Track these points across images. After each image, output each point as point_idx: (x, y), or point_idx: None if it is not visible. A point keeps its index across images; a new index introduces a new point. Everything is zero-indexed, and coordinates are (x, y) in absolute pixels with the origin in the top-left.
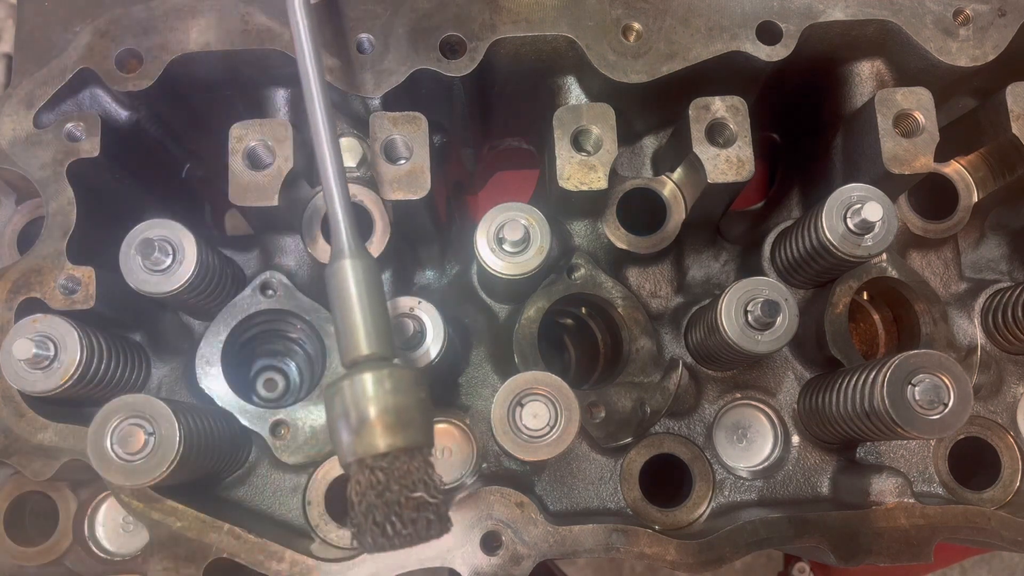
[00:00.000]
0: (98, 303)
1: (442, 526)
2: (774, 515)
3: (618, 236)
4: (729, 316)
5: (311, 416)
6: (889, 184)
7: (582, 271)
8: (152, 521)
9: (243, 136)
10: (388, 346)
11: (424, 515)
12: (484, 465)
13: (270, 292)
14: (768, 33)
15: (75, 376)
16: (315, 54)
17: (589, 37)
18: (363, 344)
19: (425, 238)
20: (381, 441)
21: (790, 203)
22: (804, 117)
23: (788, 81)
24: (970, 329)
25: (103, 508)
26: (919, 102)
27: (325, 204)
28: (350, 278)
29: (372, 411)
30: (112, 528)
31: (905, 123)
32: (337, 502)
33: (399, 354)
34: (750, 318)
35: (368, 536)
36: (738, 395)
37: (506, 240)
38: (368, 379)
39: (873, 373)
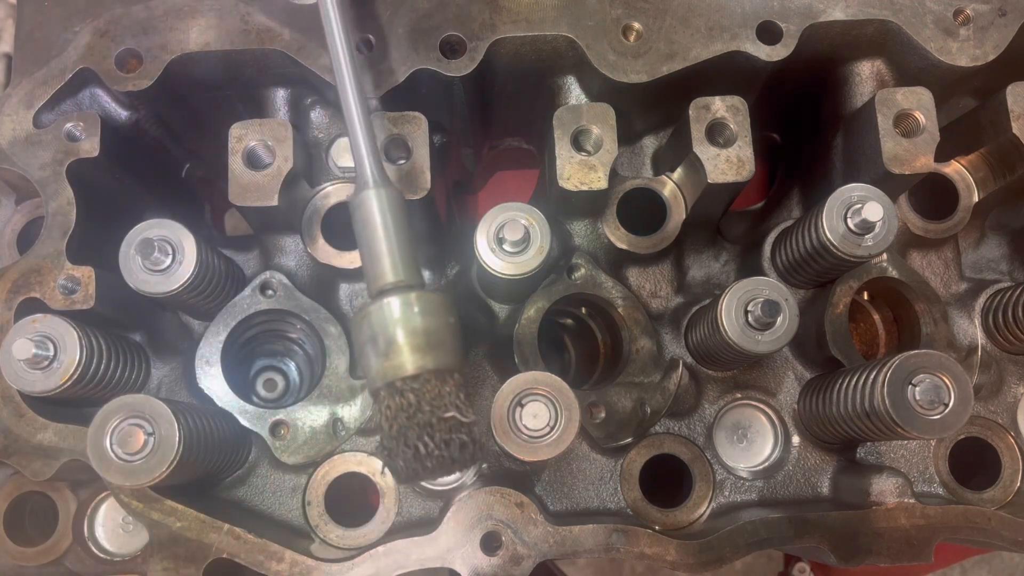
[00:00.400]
0: (98, 303)
1: (476, 449)
2: (774, 515)
3: (618, 236)
4: (729, 316)
5: (311, 416)
6: (889, 184)
7: (582, 271)
8: (152, 521)
9: (243, 136)
10: (416, 273)
11: (457, 436)
12: (484, 465)
13: (270, 292)
14: (768, 33)
15: (75, 376)
16: None
17: (589, 37)
18: (389, 272)
19: (425, 238)
20: (410, 363)
21: (790, 203)
22: (804, 117)
23: (788, 81)
24: (970, 329)
25: (103, 508)
26: (919, 102)
27: (347, 134)
28: (375, 207)
29: (400, 333)
30: (112, 528)
31: (905, 123)
32: (337, 502)
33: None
34: (750, 318)
35: (400, 460)
36: (738, 395)
37: (506, 240)
38: (395, 302)
39: (873, 373)
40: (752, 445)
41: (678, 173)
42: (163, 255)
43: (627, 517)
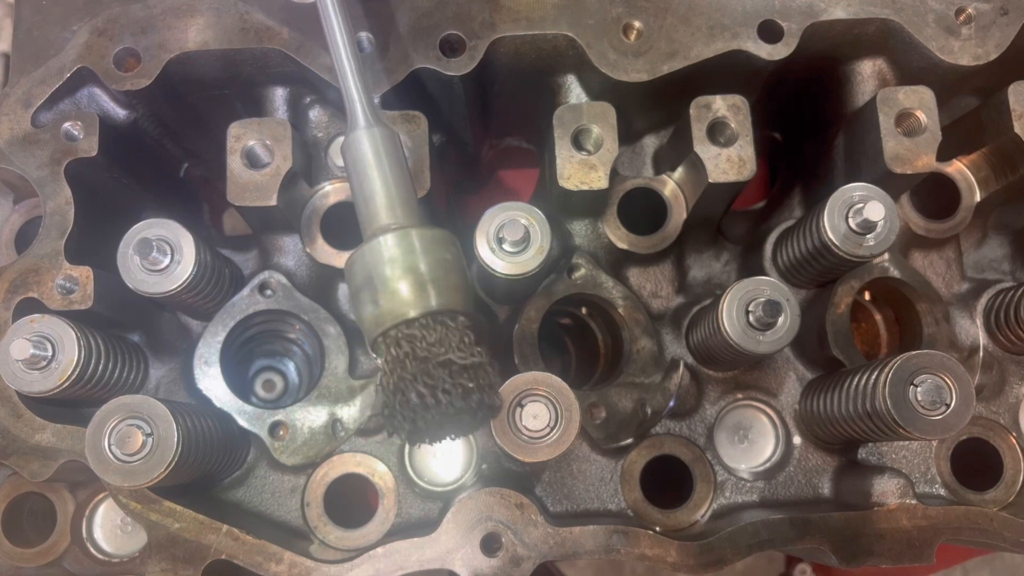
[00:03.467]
0: (96, 303)
1: (487, 398)
2: (775, 516)
3: (619, 236)
4: (730, 316)
5: (310, 417)
6: (891, 183)
7: (582, 271)
8: (150, 522)
9: (241, 135)
10: (413, 213)
11: (465, 383)
12: (484, 466)
13: (268, 292)
14: (769, 32)
15: (73, 377)
16: None
17: (589, 35)
18: (385, 214)
19: None
20: (411, 305)
21: (791, 203)
22: (805, 116)
23: (789, 80)
24: (972, 329)
25: (101, 509)
26: (921, 101)
27: (337, 76)
28: (367, 147)
29: (398, 274)
30: (110, 529)
31: (907, 122)
32: (336, 503)
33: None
34: (751, 318)
35: (403, 414)
36: (739, 396)
37: (506, 240)
38: (392, 239)
39: (875, 374)
40: (753, 446)
41: (679, 172)
42: (161, 255)
43: (628, 518)
